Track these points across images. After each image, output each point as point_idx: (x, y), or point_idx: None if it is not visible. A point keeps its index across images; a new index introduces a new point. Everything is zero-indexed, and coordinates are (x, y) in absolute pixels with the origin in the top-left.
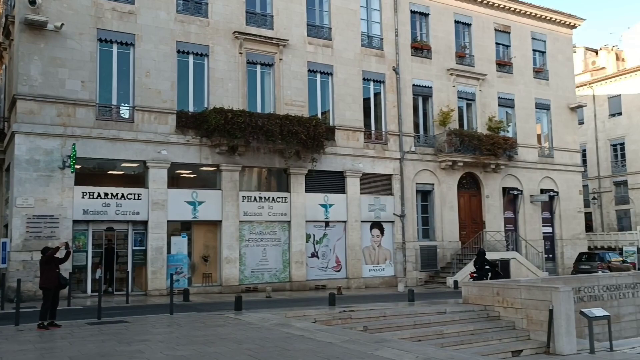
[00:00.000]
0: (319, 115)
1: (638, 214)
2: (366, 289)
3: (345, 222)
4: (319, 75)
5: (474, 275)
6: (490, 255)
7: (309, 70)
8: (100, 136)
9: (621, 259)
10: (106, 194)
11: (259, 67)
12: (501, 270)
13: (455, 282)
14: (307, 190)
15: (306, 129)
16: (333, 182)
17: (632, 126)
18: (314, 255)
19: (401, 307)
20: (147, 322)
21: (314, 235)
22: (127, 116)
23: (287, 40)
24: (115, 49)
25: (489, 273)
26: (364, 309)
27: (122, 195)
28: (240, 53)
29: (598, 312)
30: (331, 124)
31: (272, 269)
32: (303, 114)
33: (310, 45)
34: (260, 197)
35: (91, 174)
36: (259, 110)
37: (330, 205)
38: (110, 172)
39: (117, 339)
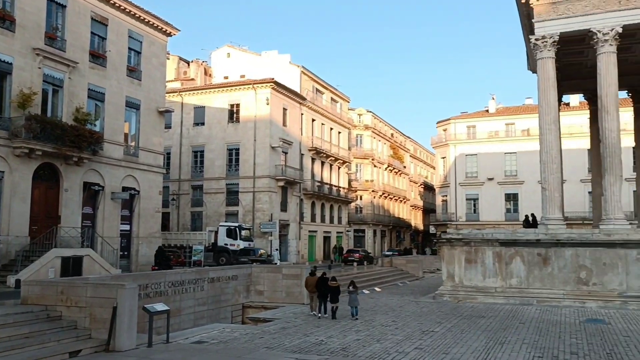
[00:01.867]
0: None
1: (209, 215)
2: None
3: None
4: None
5: (155, 268)
6: (63, 252)
7: None
8: None
9: (265, 252)
10: None
11: None
12: (72, 267)
13: (18, 281)
14: None
15: None
16: None
17: (212, 137)
18: None
19: None
20: None
21: None
22: None
23: None
24: None
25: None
26: None
27: None
28: None
29: (159, 307)
30: None
31: None
32: None
33: None
34: None
35: None
36: None
37: None
38: None
39: None
